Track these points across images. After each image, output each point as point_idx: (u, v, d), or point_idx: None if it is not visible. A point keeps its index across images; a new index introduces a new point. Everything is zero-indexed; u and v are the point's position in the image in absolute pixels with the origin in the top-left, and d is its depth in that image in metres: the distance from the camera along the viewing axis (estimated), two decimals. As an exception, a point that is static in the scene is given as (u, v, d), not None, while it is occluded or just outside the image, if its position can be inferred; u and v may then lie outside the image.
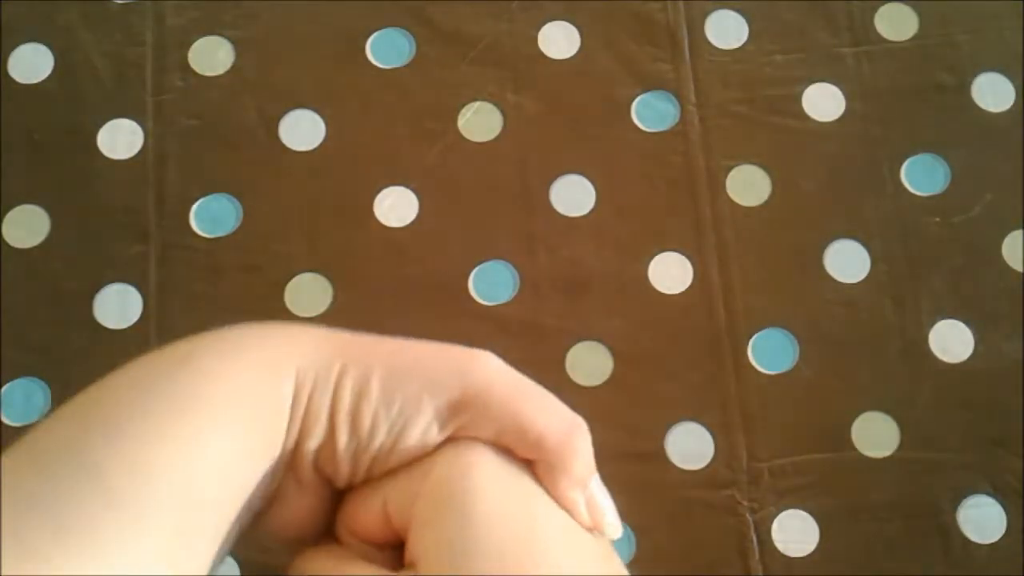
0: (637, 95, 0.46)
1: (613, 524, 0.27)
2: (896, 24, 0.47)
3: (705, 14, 0.47)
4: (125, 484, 0.22)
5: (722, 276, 0.44)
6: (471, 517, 0.24)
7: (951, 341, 0.43)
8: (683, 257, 0.44)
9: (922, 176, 0.45)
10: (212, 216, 0.44)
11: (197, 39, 0.47)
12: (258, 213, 0.45)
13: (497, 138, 0.46)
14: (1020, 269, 0.44)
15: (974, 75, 0.47)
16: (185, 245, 0.44)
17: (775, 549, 0.41)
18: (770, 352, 0.43)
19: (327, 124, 0.46)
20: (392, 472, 0.26)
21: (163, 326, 0.43)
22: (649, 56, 0.47)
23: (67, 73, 0.47)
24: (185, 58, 0.47)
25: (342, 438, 0.25)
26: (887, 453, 0.42)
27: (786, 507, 0.41)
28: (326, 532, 0.27)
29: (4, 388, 0.42)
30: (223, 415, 0.24)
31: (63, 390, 0.42)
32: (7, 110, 0.46)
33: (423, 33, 0.47)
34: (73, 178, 0.45)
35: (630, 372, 0.43)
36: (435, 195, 0.45)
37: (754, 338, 0.43)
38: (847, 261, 0.44)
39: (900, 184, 0.45)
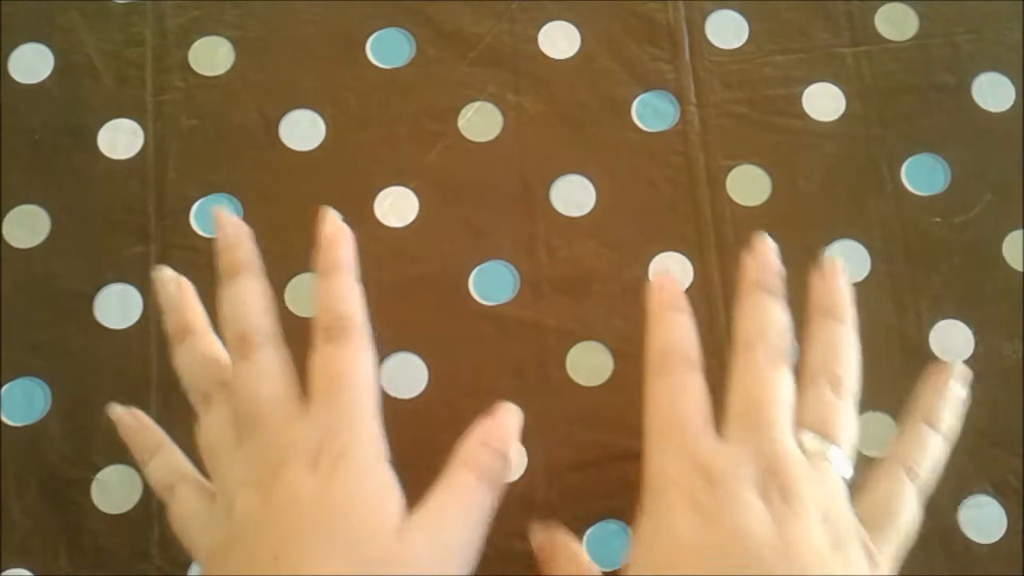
0: (637, 95, 0.46)
1: None
2: (896, 24, 0.47)
3: (705, 14, 0.47)
4: None
5: (722, 276, 0.44)
6: None
7: (951, 341, 0.43)
8: (683, 257, 0.44)
9: (922, 176, 0.45)
10: (212, 216, 0.44)
11: (197, 39, 0.47)
12: (258, 213, 0.44)
13: (497, 138, 0.46)
14: (1020, 269, 0.44)
15: (974, 75, 0.47)
16: (185, 245, 0.44)
17: (775, 549, 0.41)
18: (770, 352, 0.43)
19: (327, 124, 0.46)
20: None
21: (163, 326, 0.43)
22: (649, 56, 0.47)
23: (67, 73, 0.47)
24: (185, 58, 0.47)
25: None
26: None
27: (786, 507, 0.41)
28: None
29: (4, 388, 0.42)
30: None
31: (63, 390, 0.42)
32: (7, 110, 0.46)
33: (423, 33, 0.47)
34: (73, 178, 0.45)
35: (630, 372, 0.42)
36: (435, 195, 0.45)
37: (754, 338, 0.43)
38: (847, 261, 0.44)
39: (900, 184, 0.45)
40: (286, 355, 0.32)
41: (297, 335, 0.43)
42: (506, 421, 0.32)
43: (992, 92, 0.46)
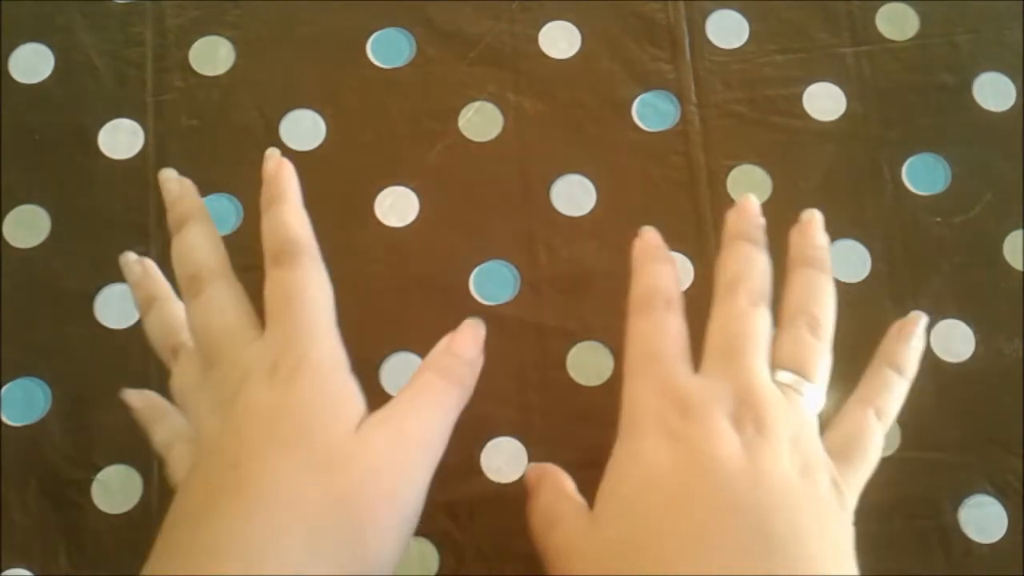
0: (637, 95, 0.46)
1: None
2: (897, 24, 0.47)
3: (705, 14, 0.47)
4: None
5: (722, 276, 0.44)
6: None
7: (951, 341, 0.43)
8: (683, 257, 0.44)
9: (922, 176, 0.45)
10: (212, 216, 0.44)
11: (197, 39, 0.47)
12: (258, 213, 0.44)
13: (497, 138, 0.46)
14: (1020, 269, 0.44)
15: (975, 75, 0.47)
16: (185, 245, 0.44)
17: (775, 549, 0.41)
18: (770, 352, 0.43)
19: (327, 124, 0.46)
20: None
21: (163, 326, 0.43)
22: (649, 56, 0.47)
23: (67, 73, 0.47)
24: (185, 58, 0.47)
25: None
26: (887, 453, 0.41)
27: (786, 507, 0.41)
28: None
29: (4, 388, 0.42)
30: None
31: (63, 390, 0.42)
32: (7, 110, 0.46)
33: (423, 33, 0.47)
34: (73, 178, 0.45)
35: (630, 372, 0.43)
36: (435, 195, 0.45)
37: (754, 338, 0.43)
38: (847, 261, 0.44)
39: (900, 184, 0.45)
40: (239, 289, 0.32)
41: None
42: (470, 331, 0.33)
43: (992, 92, 0.46)
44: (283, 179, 0.33)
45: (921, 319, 0.34)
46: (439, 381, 0.31)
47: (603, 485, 0.30)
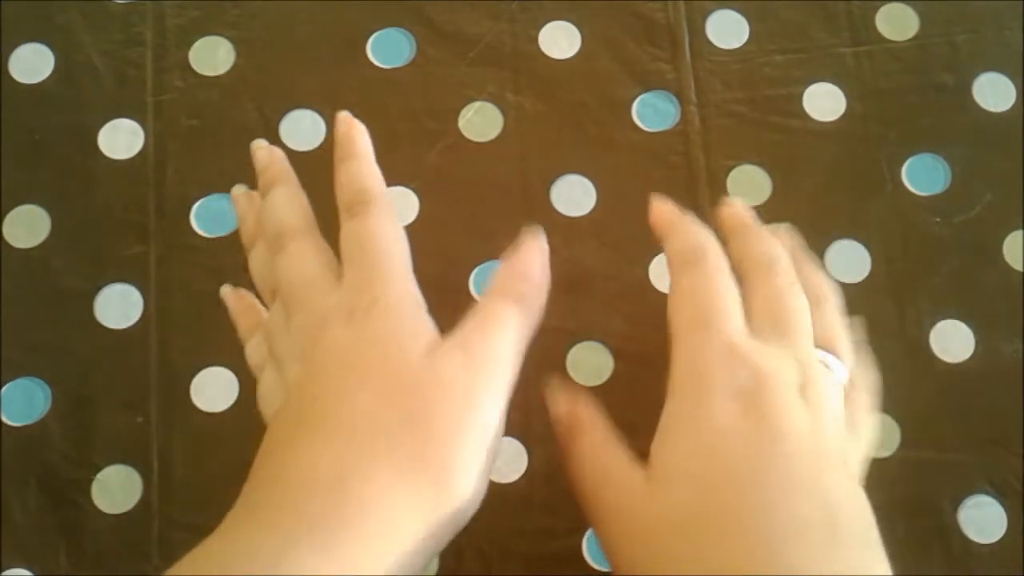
0: (637, 95, 0.46)
1: None
2: (896, 24, 0.47)
3: (705, 14, 0.47)
4: None
5: (722, 276, 0.44)
6: None
7: (951, 341, 0.43)
8: (683, 257, 0.44)
9: (922, 176, 0.45)
10: (212, 216, 0.44)
11: (197, 39, 0.47)
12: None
13: (497, 138, 0.46)
14: (1020, 269, 0.44)
15: (975, 75, 0.47)
16: (185, 245, 0.44)
17: (775, 549, 0.41)
18: (770, 352, 0.43)
19: (327, 124, 0.46)
20: None
21: (163, 326, 0.43)
22: (649, 56, 0.47)
23: (67, 73, 0.47)
24: (185, 58, 0.47)
25: None
26: (887, 453, 0.42)
27: (786, 507, 0.41)
28: None
29: (4, 388, 0.42)
30: None
31: (63, 390, 0.42)
32: (7, 110, 0.46)
33: (423, 33, 0.47)
34: (73, 178, 0.45)
35: (630, 372, 0.43)
36: (435, 195, 0.45)
37: (754, 338, 0.43)
38: (847, 261, 0.44)
39: (900, 184, 0.45)
40: (322, 244, 0.33)
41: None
42: (532, 250, 0.33)
43: (992, 92, 0.46)
44: (354, 136, 0.35)
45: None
46: (505, 305, 0.31)
47: (663, 443, 0.29)
